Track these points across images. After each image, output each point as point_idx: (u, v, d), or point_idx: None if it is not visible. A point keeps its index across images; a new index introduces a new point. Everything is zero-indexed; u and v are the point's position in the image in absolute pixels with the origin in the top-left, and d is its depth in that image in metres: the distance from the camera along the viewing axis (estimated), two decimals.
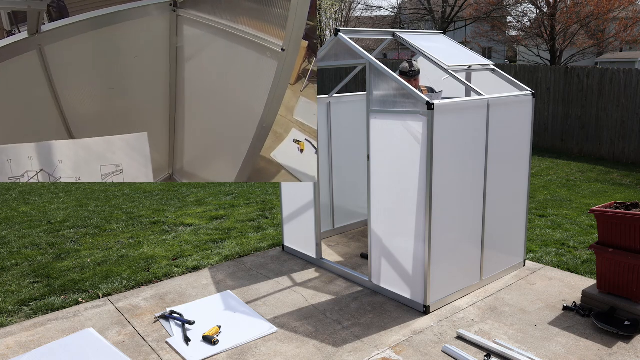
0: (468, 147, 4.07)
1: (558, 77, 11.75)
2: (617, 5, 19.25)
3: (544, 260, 5.11)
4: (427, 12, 24.84)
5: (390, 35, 4.80)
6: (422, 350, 3.54)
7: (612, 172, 9.85)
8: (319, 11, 25.88)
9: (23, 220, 7.06)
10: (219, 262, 5.32)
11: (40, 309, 4.29)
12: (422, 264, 3.98)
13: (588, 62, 25.75)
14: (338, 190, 5.94)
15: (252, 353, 3.57)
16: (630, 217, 3.73)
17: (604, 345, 3.54)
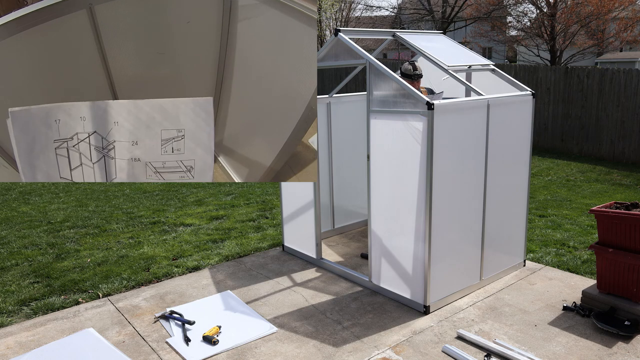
0: (468, 147, 4.07)
1: (558, 77, 11.75)
2: (617, 5, 19.25)
3: (544, 260, 5.11)
4: (427, 12, 24.84)
5: (390, 35, 4.80)
6: (422, 350, 3.54)
7: (612, 172, 9.85)
8: (319, 11, 25.88)
9: (23, 220, 7.06)
10: (219, 262, 5.32)
11: (40, 309, 4.29)
12: (422, 263, 3.98)
13: (588, 62, 25.76)
14: (338, 190, 5.94)
15: (252, 353, 3.57)
16: (630, 217, 3.73)
17: (604, 345, 3.54)
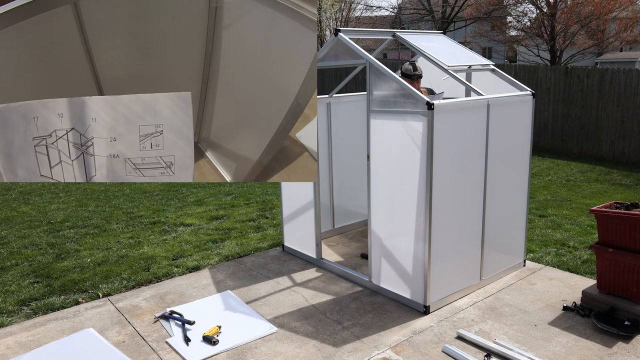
0: (468, 147, 4.07)
1: (558, 77, 11.75)
2: (617, 5, 19.26)
3: (544, 260, 5.11)
4: (427, 12, 24.84)
5: (390, 35, 4.80)
6: (422, 350, 3.54)
7: (612, 172, 9.85)
8: (319, 11, 25.88)
9: (23, 220, 7.06)
10: (219, 262, 5.32)
11: (40, 309, 4.29)
12: (422, 264, 3.98)
13: (588, 62, 25.76)
14: (338, 190, 5.94)
15: (252, 353, 3.57)
16: (630, 217, 3.73)
17: (604, 345, 3.54)
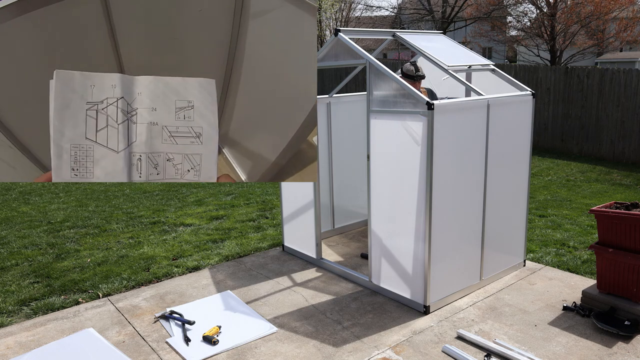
0: (468, 147, 4.07)
1: (558, 77, 11.75)
2: (617, 6, 19.26)
3: (544, 260, 5.11)
4: (427, 12, 24.84)
5: (390, 35, 4.80)
6: (422, 350, 3.54)
7: (612, 172, 9.85)
8: (319, 11, 25.88)
9: (23, 220, 7.06)
10: (219, 262, 5.32)
11: (40, 309, 4.29)
12: (422, 264, 3.98)
13: (588, 62, 25.76)
14: (338, 190, 5.94)
15: (252, 353, 3.57)
16: (630, 217, 3.73)
17: (604, 345, 3.54)
